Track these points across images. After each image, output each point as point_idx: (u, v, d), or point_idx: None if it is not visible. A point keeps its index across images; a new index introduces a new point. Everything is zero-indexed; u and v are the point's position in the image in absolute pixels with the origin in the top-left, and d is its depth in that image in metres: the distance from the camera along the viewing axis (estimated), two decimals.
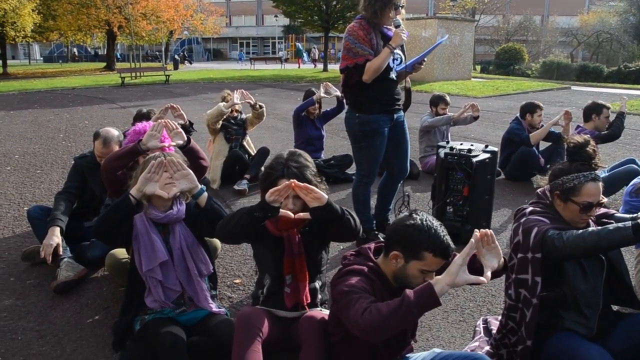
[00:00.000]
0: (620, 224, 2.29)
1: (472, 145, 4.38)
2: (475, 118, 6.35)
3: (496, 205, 5.15)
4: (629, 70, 25.78)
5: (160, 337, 2.65)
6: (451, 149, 4.30)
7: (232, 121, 6.07)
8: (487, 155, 4.26)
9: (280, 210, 2.44)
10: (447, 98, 6.56)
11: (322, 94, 5.94)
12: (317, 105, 6.26)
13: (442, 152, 4.34)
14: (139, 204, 2.76)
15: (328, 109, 6.37)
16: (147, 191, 2.73)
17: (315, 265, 2.76)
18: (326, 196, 2.37)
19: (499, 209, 5.20)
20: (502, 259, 2.10)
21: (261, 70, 31.96)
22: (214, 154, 6.02)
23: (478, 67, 34.53)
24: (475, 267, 2.21)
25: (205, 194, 2.84)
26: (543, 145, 6.33)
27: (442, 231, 2.11)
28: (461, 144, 4.43)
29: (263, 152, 6.11)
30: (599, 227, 2.34)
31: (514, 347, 2.66)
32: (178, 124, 4.29)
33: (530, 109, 6.15)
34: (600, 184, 2.53)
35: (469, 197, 4.19)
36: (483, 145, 4.41)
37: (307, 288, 2.69)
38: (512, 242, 2.63)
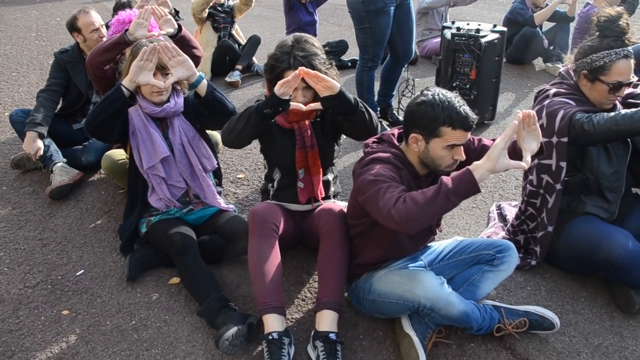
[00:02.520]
0: None
1: (479, 25, 4.11)
2: None
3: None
4: None
5: (171, 239, 2.58)
6: (458, 29, 4.04)
7: (219, 8, 5.67)
8: (496, 35, 4.01)
9: (292, 102, 2.25)
10: None
11: None
12: None
13: (448, 33, 4.07)
14: (132, 96, 2.55)
15: None
16: (140, 81, 2.50)
17: (328, 158, 2.63)
18: (338, 84, 2.16)
19: (502, 93, 5.01)
20: (541, 142, 1.96)
21: None
22: (202, 45, 5.65)
23: None
24: None
25: (205, 81, 2.62)
26: (547, 25, 6.03)
27: (458, 102, 1.96)
28: (468, 24, 4.15)
29: (254, 41, 5.78)
30: (632, 110, 2.20)
31: (532, 233, 2.62)
32: None
33: None
34: (632, 60, 2.35)
35: (476, 80, 4.00)
36: (491, 25, 4.14)
37: (320, 181, 2.57)
38: None
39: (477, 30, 3.97)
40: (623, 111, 2.22)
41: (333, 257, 2.23)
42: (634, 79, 2.38)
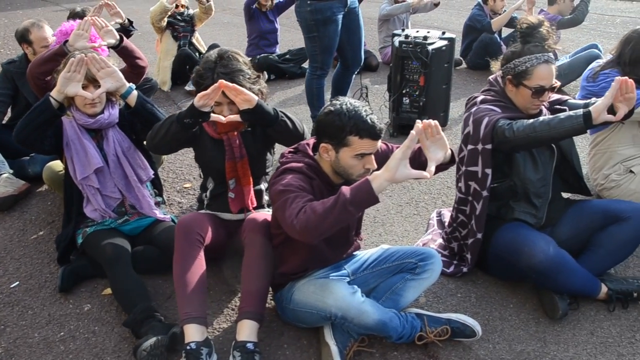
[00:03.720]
0: (571, 113, 2.18)
1: (428, 32, 4.15)
2: (436, 5, 6.07)
3: (456, 95, 5.02)
4: None
5: (102, 250, 2.57)
6: (406, 37, 4.07)
7: (179, 17, 5.68)
8: (444, 42, 4.05)
9: (212, 114, 2.28)
10: None
11: None
12: None
13: (397, 40, 4.11)
14: (62, 106, 2.53)
15: (281, 0, 5.99)
16: (68, 92, 2.49)
17: (260, 167, 2.64)
18: (256, 97, 2.21)
19: (459, 99, 5.06)
20: (449, 151, 1.98)
21: None
22: (162, 54, 5.70)
23: None
24: (421, 160, 2.10)
25: (135, 92, 2.63)
26: (506, 32, 6.10)
27: (365, 111, 1.97)
28: (417, 32, 4.19)
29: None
30: (550, 116, 2.23)
31: (464, 240, 2.63)
32: (116, 22, 3.98)
33: None
34: (554, 66, 2.39)
35: (425, 86, 4.03)
36: (440, 33, 4.18)
37: (251, 192, 2.59)
38: (462, 133, 2.52)
39: (425, 38, 4.01)
40: (542, 118, 2.25)
41: (254, 267, 2.23)
42: (557, 83, 2.42)
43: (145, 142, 2.49)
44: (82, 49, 2.82)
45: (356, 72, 4.08)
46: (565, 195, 2.77)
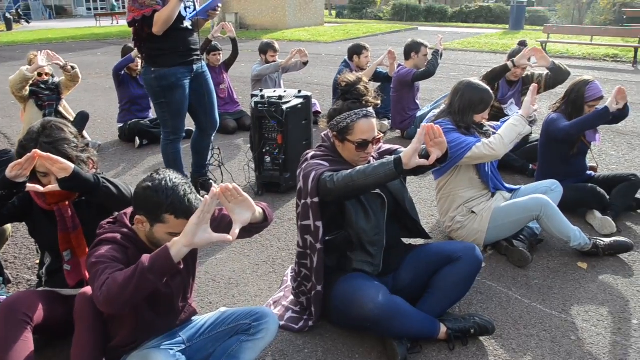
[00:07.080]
0: (384, 159, 2.27)
1: (285, 91, 4.29)
2: (305, 64, 6.31)
3: None
4: (470, 10, 27.44)
5: None
6: (262, 97, 4.18)
7: (43, 86, 5.50)
8: (300, 100, 4.20)
9: (28, 185, 2.21)
10: (276, 45, 6.41)
11: None
12: (137, 62, 5.87)
13: (253, 101, 4.21)
14: None
15: None
16: None
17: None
18: (72, 165, 2.16)
19: None
20: (259, 210, 2.01)
21: (107, 27, 29.63)
22: (26, 124, 5.45)
23: (334, 12, 34.77)
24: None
25: None
26: (373, 85, 6.42)
27: (184, 190, 1.97)
28: (274, 91, 4.32)
29: (82, 117, 5.63)
30: (367, 165, 2.32)
31: (310, 293, 2.66)
32: None
33: (356, 50, 6.23)
34: (374, 120, 2.51)
35: (283, 144, 4.12)
36: (296, 91, 4.33)
37: None
38: (297, 189, 2.59)
39: (280, 97, 4.13)
40: (359, 167, 2.32)
41: (81, 342, 2.13)
42: (380, 135, 2.55)
43: None
44: None
45: (213, 134, 4.11)
46: (408, 241, 2.89)
